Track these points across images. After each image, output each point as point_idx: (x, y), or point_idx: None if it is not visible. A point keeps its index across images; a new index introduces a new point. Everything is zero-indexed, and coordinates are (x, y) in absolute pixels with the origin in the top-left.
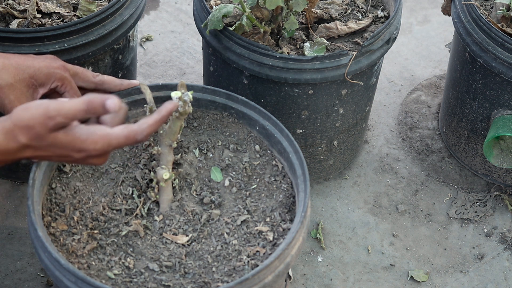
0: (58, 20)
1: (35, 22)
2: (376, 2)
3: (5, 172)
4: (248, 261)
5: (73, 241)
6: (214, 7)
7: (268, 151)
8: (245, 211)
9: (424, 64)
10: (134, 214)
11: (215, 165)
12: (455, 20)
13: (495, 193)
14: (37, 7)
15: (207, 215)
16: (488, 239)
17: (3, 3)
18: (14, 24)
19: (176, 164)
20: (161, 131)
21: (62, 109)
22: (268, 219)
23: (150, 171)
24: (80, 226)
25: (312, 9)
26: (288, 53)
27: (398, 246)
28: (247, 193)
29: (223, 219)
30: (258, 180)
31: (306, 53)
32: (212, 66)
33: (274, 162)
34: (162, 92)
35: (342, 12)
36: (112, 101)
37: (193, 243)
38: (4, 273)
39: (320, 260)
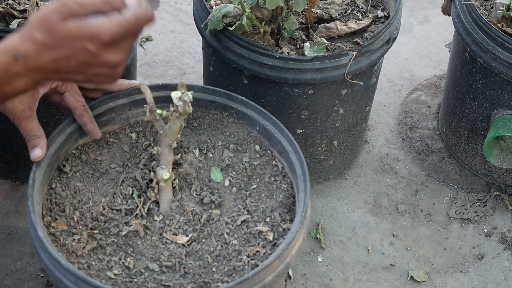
0: None
1: None
2: (376, 2)
3: (5, 172)
4: (248, 261)
5: (73, 241)
6: (214, 7)
7: (268, 151)
8: (245, 211)
9: (424, 64)
10: (134, 214)
11: (215, 165)
12: (455, 20)
13: (495, 193)
14: (37, 7)
15: (207, 215)
16: (488, 239)
17: (3, 3)
18: (14, 24)
19: (176, 164)
20: (161, 131)
21: None
22: (268, 219)
23: (150, 171)
24: (80, 226)
25: (312, 9)
26: (288, 53)
27: (398, 246)
28: (247, 193)
29: (223, 219)
30: (258, 180)
31: (306, 53)
32: (212, 66)
33: (274, 162)
34: (162, 92)
35: (342, 12)
36: None
37: (193, 243)
38: (4, 273)
39: (320, 260)
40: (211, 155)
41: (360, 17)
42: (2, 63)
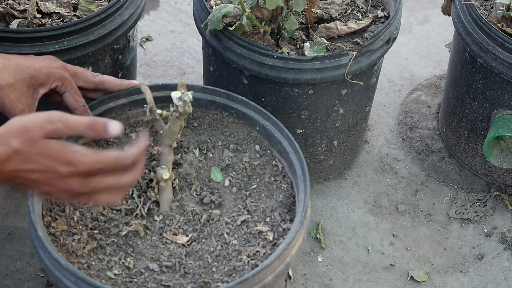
0: (58, 20)
1: (35, 22)
2: (376, 2)
3: None
4: (248, 261)
5: (73, 241)
6: (214, 7)
7: (268, 151)
8: (245, 211)
9: (424, 64)
10: (134, 214)
11: (215, 165)
12: (455, 20)
13: (495, 193)
14: (37, 7)
15: (207, 215)
16: (488, 239)
17: (3, 3)
18: (14, 24)
19: (176, 164)
20: (161, 131)
21: (64, 117)
22: (268, 219)
23: (150, 171)
24: (80, 226)
25: (312, 9)
26: (288, 53)
27: (398, 246)
28: (247, 193)
29: (223, 219)
30: (258, 180)
31: (306, 53)
32: (212, 66)
33: (274, 162)
34: (162, 92)
35: (342, 12)
36: (115, 125)
37: (193, 243)
38: (4, 273)
39: (320, 260)
40: (211, 155)
41: (360, 17)
42: None
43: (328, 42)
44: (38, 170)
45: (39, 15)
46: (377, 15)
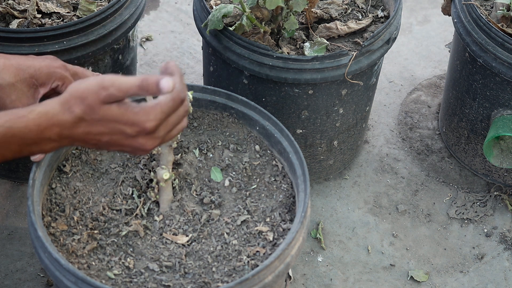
0: (58, 20)
1: (35, 22)
2: (376, 2)
3: (5, 172)
4: (248, 261)
5: (73, 241)
6: (214, 7)
7: (268, 151)
8: (245, 211)
9: (424, 64)
10: (134, 214)
11: (215, 165)
12: (455, 20)
13: (495, 193)
14: (37, 7)
15: (207, 215)
16: (488, 239)
17: (3, 3)
18: (14, 24)
19: (176, 164)
20: None
21: (116, 81)
22: (268, 219)
23: (150, 171)
24: (80, 226)
25: (312, 9)
26: (288, 53)
27: (398, 246)
28: (247, 193)
29: (223, 219)
30: (258, 180)
31: (306, 53)
32: (212, 66)
33: (274, 162)
34: None
35: (342, 12)
36: (166, 81)
37: (193, 243)
38: (4, 273)
39: (320, 260)
40: (211, 155)
41: (360, 17)
42: (40, 126)
43: (328, 42)
44: (106, 133)
45: (39, 15)
46: (377, 15)
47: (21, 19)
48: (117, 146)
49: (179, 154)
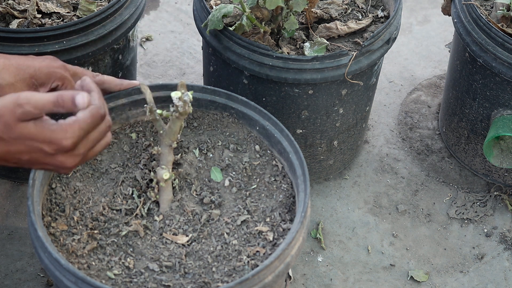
0: (58, 20)
1: (35, 22)
2: (376, 2)
3: (5, 172)
4: (248, 261)
5: (73, 241)
6: (214, 7)
7: (268, 151)
8: (245, 211)
9: (424, 64)
10: (134, 214)
11: (215, 165)
12: (455, 20)
13: (495, 193)
14: (37, 7)
15: (207, 215)
16: (488, 239)
17: (3, 3)
18: (14, 24)
19: (176, 164)
20: (161, 131)
21: (32, 98)
22: (268, 219)
23: (150, 171)
24: (80, 226)
25: (312, 9)
26: (288, 53)
27: (398, 246)
28: (247, 193)
29: (223, 219)
30: (258, 180)
31: (306, 53)
32: (212, 66)
33: (274, 162)
34: (162, 92)
35: (342, 12)
36: (82, 96)
37: (193, 243)
38: (4, 273)
39: (320, 260)
40: (211, 155)
41: (360, 17)
42: None
43: (328, 42)
44: (26, 151)
45: (39, 15)
46: (377, 15)
47: (21, 19)
48: (39, 164)
49: (179, 154)
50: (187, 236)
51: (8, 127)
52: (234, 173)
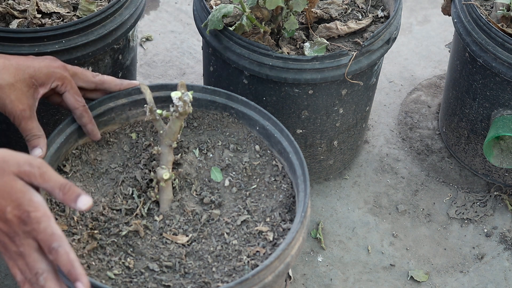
0: (58, 20)
1: (35, 22)
2: (376, 2)
3: None
4: (248, 261)
5: (73, 241)
6: (214, 7)
7: (268, 151)
8: (245, 211)
9: (424, 64)
10: (134, 214)
11: (215, 165)
12: (455, 20)
13: (495, 193)
14: (37, 7)
15: (207, 215)
16: (488, 239)
17: (3, 3)
18: (14, 24)
19: (176, 164)
20: (161, 131)
21: (45, 167)
22: (268, 219)
23: (150, 171)
24: (80, 226)
25: (312, 9)
26: (288, 53)
27: (398, 246)
28: (247, 193)
29: (223, 219)
30: (258, 180)
31: (306, 53)
32: (212, 66)
33: (274, 162)
34: (162, 92)
35: (342, 12)
36: (86, 201)
37: (193, 243)
38: (4, 273)
39: (320, 260)
40: (211, 155)
41: (360, 17)
42: None
43: (328, 42)
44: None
45: (39, 15)
46: (377, 15)
47: (21, 19)
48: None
49: (179, 154)
50: (187, 236)
51: (0, 173)
52: (234, 173)
